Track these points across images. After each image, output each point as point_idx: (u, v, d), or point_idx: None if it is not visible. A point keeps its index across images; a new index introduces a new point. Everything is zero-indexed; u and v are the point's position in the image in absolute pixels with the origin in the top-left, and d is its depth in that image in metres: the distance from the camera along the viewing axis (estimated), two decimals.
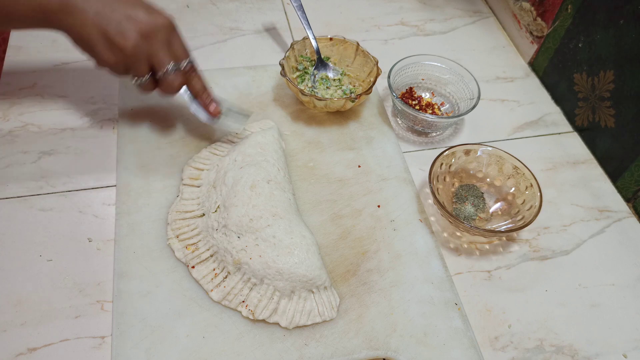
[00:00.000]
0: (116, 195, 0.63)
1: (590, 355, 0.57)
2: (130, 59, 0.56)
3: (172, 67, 0.58)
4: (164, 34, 0.57)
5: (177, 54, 0.59)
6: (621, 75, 0.69)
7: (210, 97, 0.64)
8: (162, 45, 0.57)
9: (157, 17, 0.56)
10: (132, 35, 0.54)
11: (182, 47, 0.60)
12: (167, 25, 0.57)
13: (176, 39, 0.59)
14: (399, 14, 0.95)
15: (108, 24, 0.54)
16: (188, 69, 0.60)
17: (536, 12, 0.85)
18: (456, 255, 0.63)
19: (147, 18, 0.56)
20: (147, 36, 0.55)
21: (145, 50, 0.56)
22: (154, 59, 0.57)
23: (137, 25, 0.55)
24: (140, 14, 0.55)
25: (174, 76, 0.59)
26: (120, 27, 0.54)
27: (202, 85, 0.63)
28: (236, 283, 0.56)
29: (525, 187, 0.65)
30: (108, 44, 0.54)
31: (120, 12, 0.55)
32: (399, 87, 0.77)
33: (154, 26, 0.56)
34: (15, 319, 0.53)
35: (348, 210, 0.65)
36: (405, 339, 0.55)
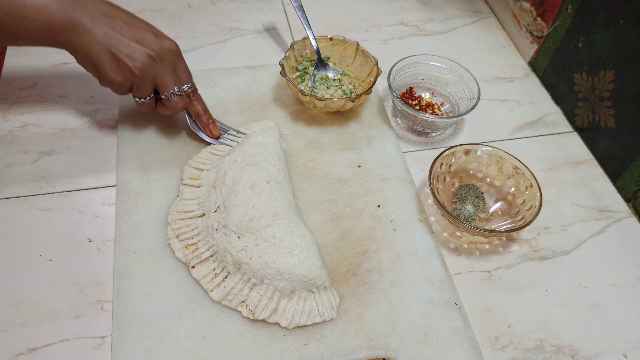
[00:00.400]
0: (116, 195, 0.63)
1: (590, 355, 0.57)
2: (136, 80, 0.58)
3: (177, 90, 0.61)
4: (170, 58, 0.60)
5: (181, 77, 0.62)
6: (621, 75, 0.69)
7: (211, 119, 0.67)
8: (167, 69, 0.60)
9: (164, 41, 0.59)
10: (140, 57, 0.57)
11: (186, 71, 0.63)
12: (173, 50, 0.60)
13: (181, 63, 0.62)
14: (399, 14, 0.95)
15: (117, 46, 0.56)
16: (190, 92, 0.63)
17: (536, 12, 0.85)
18: (456, 255, 0.63)
19: (155, 42, 0.58)
20: (155, 59, 0.58)
21: (152, 72, 0.58)
22: (159, 81, 0.60)
23: (146, 48, 0.57)
24: (148, 37, 0.58)
25: (178, 99, 0.62)
26: (129, 49, 0.56)
27: (203, 108, 0.66)
28: (236, 283, 0.56)
29: (525, 187, 0.65)
30: (116, 64, 0.57)
31: (129, 34, 0.57)
32: (399, 87, 0.77)
33: (161, 50, 0.58)
34: (15, 319, 0.53)
35: (348, 210, 0.65)
36: (405, 339, 0.55)
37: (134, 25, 0.58)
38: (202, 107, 0.66)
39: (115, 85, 0.58)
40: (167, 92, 0.61)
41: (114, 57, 0.56)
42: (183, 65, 0.62)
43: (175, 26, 0.87)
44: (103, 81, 0.59)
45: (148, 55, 0.57)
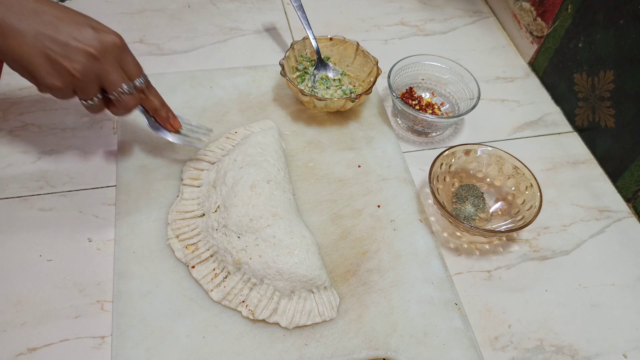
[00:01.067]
0: (116, 195, 0.63)
1: (590, 355, 0.57)
2: (78, 83, 0.52)
3: (127, 87, 0.55)
4: (115, 53, 0.53)
5: (130, 72, 0.56)
6: (621, 75, 0.69)
7: (169, 112, 0.62)
8: (113, 65, 0.53)
9: (105, 35, 0.52)
10: (79, 57, 0.51)
11: (134, 64, 0.56)
12: (117, 44, 0.53)
13: (128, 57, 0.55)
14: (399, 14, 0.95)
15: (52, 46, 0.50)
16: (144, 86, 0.58)
17: (536, 12, 0.85)
18: (456, 255, 0.63)
19: (94, 37, 0.52)
20: (96, 57, 0.51)
21: (95, 71, 0.52)
22: (105, 80, 0.53)
23: (85, 46, 0.51)
24: (86, 33, 0.51)
25: (128, 96, 0.56)
26: (66, 49, 0.50)
27: (160, 101, 0.61)
28: (236, 283, 0.56)
29: (525, 187, 0.65)
30: (53, 67, 0.50)
31: (65, 32, 0.50)
32: (399, 87, 0.77)
33: (103, 45, 0.52)
34: (15, 319, 0.53)
35: (348, 210, 0.65)
36: (405, 339, 0.55)
37: (68, 21, 0.51)
38: (159, 100, 0.60)
39: (55, 90, 0.52)
40: (115, 92, 0.54)
41: (50, 59, 0.50)
42: (131, 58, 0.56)
43: (175, 26, 0.87)
44: (41, 87, 0.52)
45: (88, 54, 0.51)
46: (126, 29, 0.85)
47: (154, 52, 0.82)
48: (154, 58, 0.81)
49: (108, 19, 0.85)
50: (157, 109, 0.60)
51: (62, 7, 0.52)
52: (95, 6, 0.88)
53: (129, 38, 0.82)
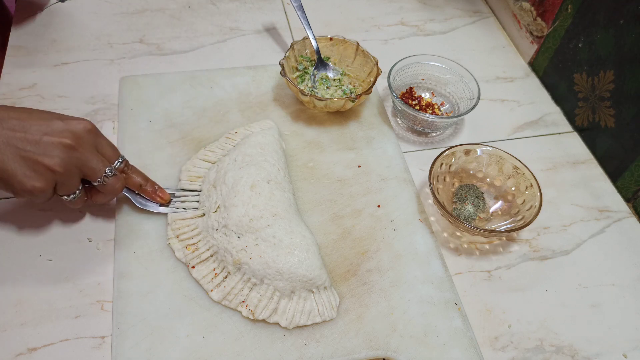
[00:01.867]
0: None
1: (590, 355, 0.57)
2: (60, 177, 0.50)
3: (109, 171, 0.54)
4: (89, 139, 0.52)
5: (107, 155, 0.55)
6: (621, 75, 0.69)
7: (155, 185, 0.60)
8: (91, 152, 0.52)
9: (75, 124, 0.51)
10: (56, 151, 0.49)
11: (110, 146, 0.55)
12: (89, 129, 0.52)
13: (102, 141, 0.55)
14: (399, 14, 0.95)
15: (25, 147, 0.48)
16: (123, 166, 0.57)
17: (536, 12, 0.85)
18: (456, 255, 0.63)
19: (65, 128, 0.50)
20: (73, 147, 0.50)
21: (75, 162, 0.51)
22: (87, 168, 0.52)
23: (59, 138, 0.50)
24: (56, 125, 0.50)
25: (113, 180, 0.54)
26: (40, 147, 0.49)
27: (142, 177, 0.59)
28: (236, 283, 0.56)
29: (525, 187, 0.65)
30: (31, 169, 0.48)
31: (34, 130, 0.49)
32: (399, 87, 0.77)
33: (77, 134, 0.51)
34: (15, 319, 0.53)
35: (348, 210, 0.65)
36: (405, 339, 0.55)
37: (35, 119, 0.50)
38: (142, 176, 0.59)
39: (36, 192, 0.49)
40: (100, 177, 0.53)
41: (26, 161, 0.48)
42: (105, 141, 0.55)
43: (175, 26, 0.87)
44: (19, 193, 0.49)
45: (64, 146, 0.49)
46: (126, 29, 0.85)
47: (154, 52, 0.82)
48: (154, 58, 0.81)
49: (108, 19, 0.86)
50: (142, 185, 0.59)
51: (22, 109, 0.51)
52: (95, 6, 0.88)
53: (129, 38, 0.83)
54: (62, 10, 0.86)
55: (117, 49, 0.82)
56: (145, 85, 0.75)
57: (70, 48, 0.81)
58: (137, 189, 0.59)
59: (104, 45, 0.82)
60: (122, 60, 0.80)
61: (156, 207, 0.61)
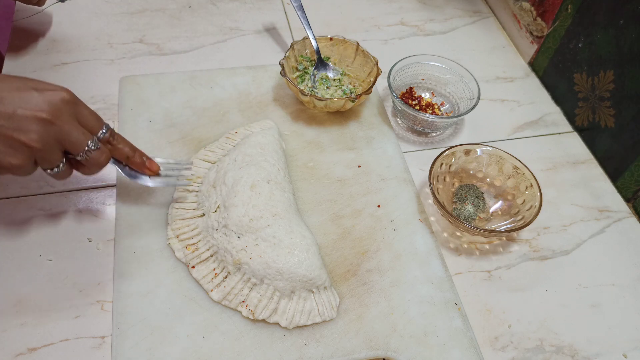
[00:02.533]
0: (116, 195, 0.63)
1: (590, 355, 0.57)
2: (39, 153, 0.46)
3: (92, 145, 0.50)
4: (68, 110, 0.48)
5: (90, 126, 0.50)
6: (621, 75, 0.69)
7: (143, 156, 0.57)
8: (71, 124, 0.48)
9: (52, 94, 0.47)
10: (32, 126, 0.45)
11: (92, 115, 0.51)
12: (67, 99, 0.48)
13: (83, 109, 0.50)
14: (399, 14, 0.95)
15: (1, 124, 0.44)
16: (108, 136, 0.52)
17: (536, 12, 0.85)
18: (456, 255, 0.63)
19: (41, 99, 0.46)
20: (51, 121, 0.46)
21: (54, 136, 0.47)
22: (67, 142, 0.48)
23: (34, 111, 0.45)
24: (31, 97, 0.46)
25: (98, 153, 0.50)
26: (15, 121, 0.45)
27: (130, 147, 0.55)
28: (236, 283, 0.56)
29: (525, 187, 0.65)
30: (6, 145, 0.45)
31: (7, 103, 0.45)
32: (399, 87, 0.77)
33: (54, 106, 0.46)
34: (15, 319, 0.53)
35: (348, 210, 0.65)
36: (405, 339, 0.55)
37: (7, 89, 0.46)
38: (129, 146, 0.55)
39: (16, 169, 0.46)
40: (82, 152, 0.49)
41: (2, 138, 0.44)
42: (86, 110, 0.50)
43: (175, 26, 0.87)
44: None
45: (40, 120, 0.45)
46: (126, 29, 0.85)
47: (154, 52, 0.82)
48: (154, 58, 0.81)
49: (108, 19, 0.86)
50: (129, 156, 0.55)
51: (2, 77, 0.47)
52: (95, 6, 0.88)
53: (129, 38, 0.83)
54: (62, 10, 0.86)
55: (117, 49, 0.82)
56: (145, 85, 0.75)
57: (70, 48, 0.81)
58: (124, 160, 0.55)
59: (104, 45, 0.82)
60: (122, 60, 0.80)
61: (146, 179, 0.58)
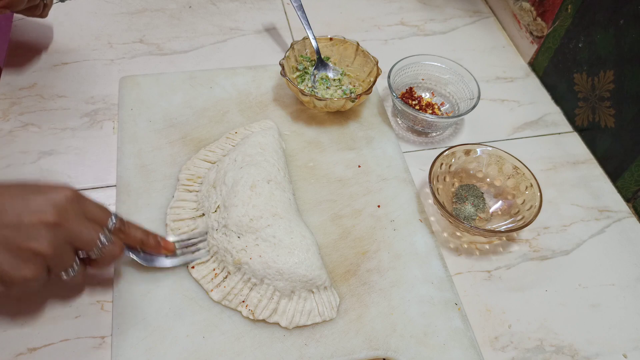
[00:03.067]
0: (116, 195, 0.63)
1: (590, 355, 0.57)
2: (52, 260, 0.44)
3: (105, 238, 0.47)
4: (74, 209, 0.45)
5: (98, 219, 0.48)
6: (621, 75, 0.69)
7: (157, 237, 0.54)
8: (79, 222, 0.46)
9: (54, 194, 0.45)
10: (41, 232, 0.43)
11: (98, 207, 0.49)
12: (71, 197, 0.45)
13: (88, 204, 0.48)
14: (399, 14, 0.95)
15: (5, 234, 0.42)
16: (118, 225, 0.50)
17: (536, 12, 0.85)
18: (456, 255, 0.63)
19: (45, 202, 0.44)
20: (59, 223, 0.44)
21: (64, 238, 0.45)
22: (79, 241, 0.46)
23: (40, 216, 0.43)
24: (34, 201, 0.44)
25: (111, 246, 0.48)
26: (22, 230, 0.42)
27: (142, 231, 0.53)
28: (236, 283, 0.56)
29: (525, 187, 0.65)
30: (16, 257, 0.42)
31: (10, 211, 0.42)
32: (399, 87, 0.77)
33: (59, 207, 0.44)
34: (15, 319, 0.53)
35: (348, 210, 0.65)
36: (405, 339, 0.55)
37: (6, 196, 0.43)
38: (141, 230, 0.53)
39: (30, 281, 0.44)
40: (97, 248, 0.47)
41: (8, 249, 0.42)
42: (91, 204, 0.48)
43: (175, 26, 0.87)
44: (9, 285, 0.43)
45: (49, 224, 0.43)
46: (126, 29, 0.85)
47: (154, 52, 0.82)
48: (154, 58, 0.81)
49: (108, 19, 0.86)
50: (144, 241, 0.53)
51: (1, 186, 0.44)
52: (95, 6, 0.88)
53: (129, 38, 0.83)
54: (62, 10, 0.87)
55: (117, 49, 0.82)
56: (145, 85, 0.75)
57: (70, 48, 0.81)
58: (138, 246, 0.53)
59: (104, 45, 0.82)
60: (122, 60, 0.80)
61: (164, 260, 0.56)
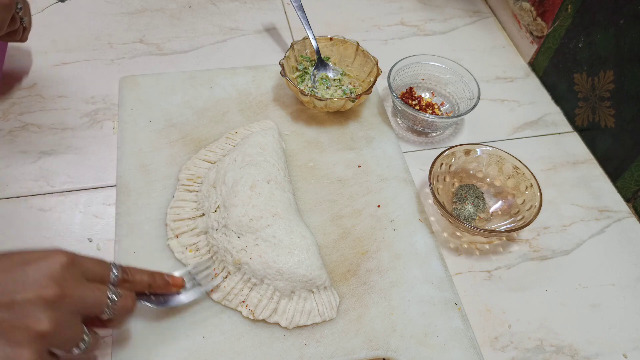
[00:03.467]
0: (116, 195, 0.63)
1: (590, 355, 0.57)
2: (56, 338, 0.39)
3: (113, 294, 0.43)
4: (73, 273, 0.41)
5: (99, 276, 0.44)
6: (621, 75, 0.69)
7: (164, 276, 0.50)
8: (81, 286, 0.41)
9: (48, 263, 0.40)
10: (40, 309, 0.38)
11: (95, 264, 0.44)
12: (66, 262, 0.41)
13: (84, 263, 0.43)
14: (399, 14, 0.95)
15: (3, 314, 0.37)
16: (121, 276, 0.46)
17: (536, 12, 0.85)
18: (456, 255, 0.63)
19: (40, 273, 0.39)
20: (61, 295, 0.39)
21: (69, 309, 0.40)
22: (86, 307, 0.42)
23: (35, 291, 0.38)
24: (26, 274, 0.39)
25: (122, 299, 0.44)
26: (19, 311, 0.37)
27: (147, 273, 0.49)
28: (236, 283, 0.56)
29: (525, 187, 0.65)
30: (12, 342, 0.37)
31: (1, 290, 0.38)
32: (399, 87, 0.77)
33: (57, 275, 0.39)
34: None
35: (348, 210, 0.65)
36: (405, 339, 0.55)
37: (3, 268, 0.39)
38: (146, 273, 0.49)
39: None
40: (107, 308, 0.43)
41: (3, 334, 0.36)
42: (88, 262, 0.43)
43: (175, 26, 0.87)
44: None
45: (49, 300, 0.38)
46: (126, 29, 0.85)
47: (154, 52, 0.82)
48: (154, 58, 0.81)
49: (108, 19, 0.86)
50: (151, 283, 0.49)
51: None
52: (95, 6, 0.88)
53: (129, 38, 0.83)
54: (62, 10, 0.87)
55: (117, 49, 0.82)
56: (145, 85, 0.75)
57: (70, 48, 0.81)
58: (146, 290, 0.49)
59: (104, 45, 0.82)
60: (122, 60, 0.80)
61: (179, 298, 0.52)
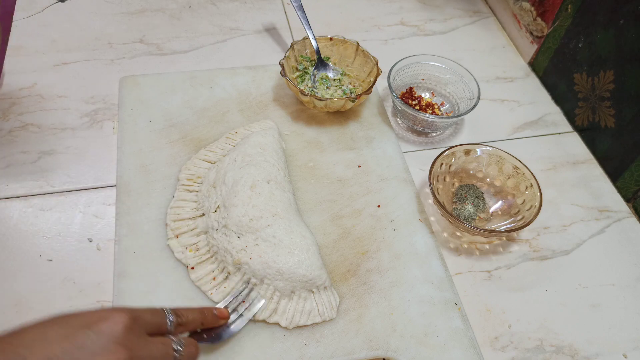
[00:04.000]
0: (116, 195, 0.63)
1: (590, 355, 0.57)
2: None
3: (178, 345, 0.44)
4: (136, 332, 0.41)
5: (159, 328, 0.44)
6: (621, 75, 0.69)
7: (212, 310, 0.51)
8: (147, 344, 0.41)
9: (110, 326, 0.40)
10: None
11: (152, 315, 0.44)
12: (128, 322, 0.40)
13: (143, 318, 0.43)
14: (399, 14, 0.95)
15: None
16: (176, 321, 0.46)
17: (536, 12, 0.85)
18: (456, 255, 0.63)
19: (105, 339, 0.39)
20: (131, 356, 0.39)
21: None
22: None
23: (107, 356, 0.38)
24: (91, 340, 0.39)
25: (187, 348, 0.45)
26: None
27: (197, 311, 0.49)
28: (236, 283, 0.56)
29: (525, 187, 0.65)
30: None
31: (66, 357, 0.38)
32: (399, 87, 0.77)
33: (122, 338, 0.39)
34: (15, 319, 0.53)
35: (348, 210, 0.65)
36: (405, 339, 0.55)
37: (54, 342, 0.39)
38: (195, 312, 0.49)
39: None
40: (177, 355, 0.43)
41: None
42: (146, 315, 0.43)
43: (175, 26, 0.87)
44: None
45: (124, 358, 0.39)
46: (126, 29, 0.85)
47: (154, 52, 0.82)
48: (154, 58, 0.81)
49: (108, 19, 0.86)
50: (203, 322, 0.50)
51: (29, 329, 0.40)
52: (95, 6, 0.88)
53: (129, 38, 0.83)
54: (62, 10, 0.87)
55: (117, 49, 0.82)
56: (145, 85, 0.75)
57: (70, 48, 0.81)
58: (199, 328, 0.50)
59: (104, 45, 0.82)
60: (122, 60, 0.80)
61: (229, 329, 0.53)
